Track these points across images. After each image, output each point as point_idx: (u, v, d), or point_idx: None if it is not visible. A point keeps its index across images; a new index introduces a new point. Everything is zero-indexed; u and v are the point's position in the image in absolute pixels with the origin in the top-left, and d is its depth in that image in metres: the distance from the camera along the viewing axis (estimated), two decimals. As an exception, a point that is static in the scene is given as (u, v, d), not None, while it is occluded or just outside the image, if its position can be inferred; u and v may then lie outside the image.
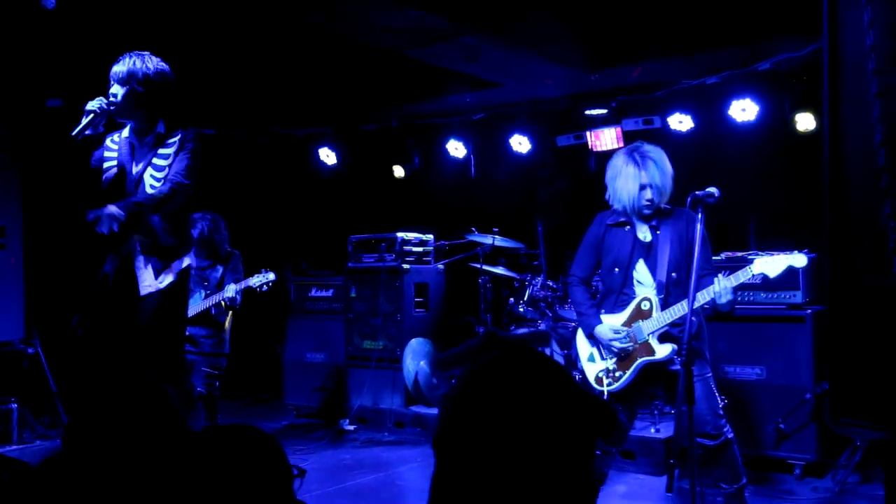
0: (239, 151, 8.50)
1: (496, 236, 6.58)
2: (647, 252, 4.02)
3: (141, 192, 3.91)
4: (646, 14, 5.95)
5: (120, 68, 3.90)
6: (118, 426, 1.86)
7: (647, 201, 3.94)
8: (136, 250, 3.93)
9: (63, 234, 6.93)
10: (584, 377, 4.13)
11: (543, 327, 6.32)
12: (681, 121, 6.64)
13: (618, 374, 4.01)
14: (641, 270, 4.02)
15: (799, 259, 3.82)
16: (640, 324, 3.95)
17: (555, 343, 6.18)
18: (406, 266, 7.11)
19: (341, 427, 6.87)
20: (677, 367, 3.69)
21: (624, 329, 3.98)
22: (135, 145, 4.02)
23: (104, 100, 3.88)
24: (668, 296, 3.94)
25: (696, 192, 3.69)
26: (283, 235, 8.95)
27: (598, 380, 4.06)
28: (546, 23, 6.01)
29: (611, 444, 4.01)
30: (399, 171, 8.56)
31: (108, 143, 4.05)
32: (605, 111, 7.07)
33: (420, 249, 7.37)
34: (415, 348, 6.90)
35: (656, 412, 5.65)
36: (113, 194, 3.95)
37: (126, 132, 4.07)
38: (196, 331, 5.76)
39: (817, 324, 5.11)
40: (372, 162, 8.72)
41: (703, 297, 3.77)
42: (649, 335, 3.93)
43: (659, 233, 4.01)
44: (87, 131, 3.83)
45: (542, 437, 1.21)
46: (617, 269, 4.06)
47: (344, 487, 5.31)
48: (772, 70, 6.05)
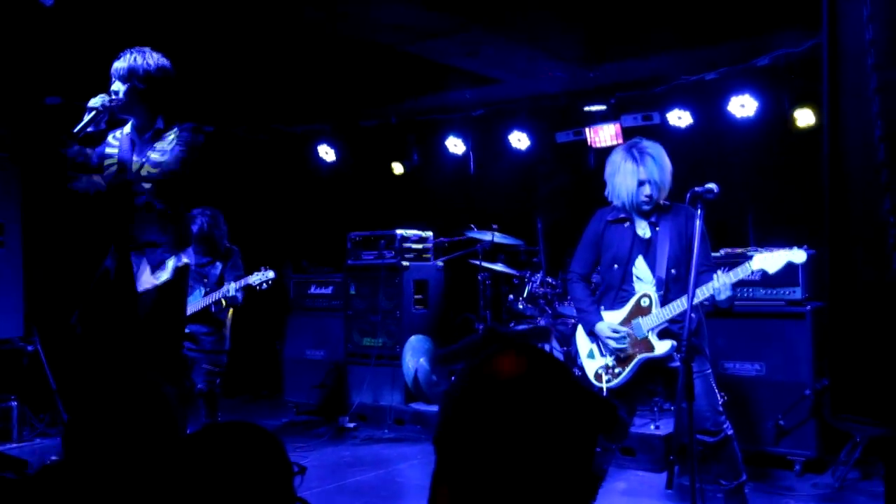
0: (238, 148, 8.49)
1: (495, 233, 6.58)
2: (647, 248, 4.02)
3: (142, 187, 3.91)
4: (645, 10, 5.95)
5: (121, 65, 3.89)
6: (116, 425, 1.86)
7: (646, 197, 3.94)
8: (134, 247, 3.93)
9: (62, 233, 6.93)
10: (583, 373, 4.14)
11: (543, 324, 6.32)
12: (680, 117, 6.63)
13: (617, 371, 4.01)
14: (641, 267, 4.02)
15: (798, 255, 3.82)
16: (640, 320, 3.95)
17: (555, 339, 6.18)
18: (405, 263, 7.10)
19: (341, 424, 6.87)
20: (677, 364, 3.69)
21: (623, 328, 3.98)
22: (136, 141, 4.01)
23: (106, 97, 3.87)
24: (668, 292, 3.93)
25: (696, 188, 3.68)
26: (282, 232, 8.95)
27: (598, 376, 4.06)
28: (545, 18, 6.00)
29: (611, 441, 4.01)
30: (398, 167, 8.56)
31: (110, 140, 4.05)
32: (604, 107, 7.06)
33: (419, 246, 7.37)
34: (414, 345, 6.90)
35: (656, 409, 5.65)
36: (114, 190, 3.95)
37: (127, 128, 4.07)
38: (196, 328, 5.76)
39: (817, 320, 5.10)
40: (371, 159, 8.72)
41: (702, 293, 3.77)
42: (649, 332, 3.93)
43: (658, 229, 4.01)
44: (90, 128, 3.83)
45: (542, 434, 1.21)
46: (616, 266, 4.05)
47: (344, 485, 5.31)
48: (771, 65, 6.04)
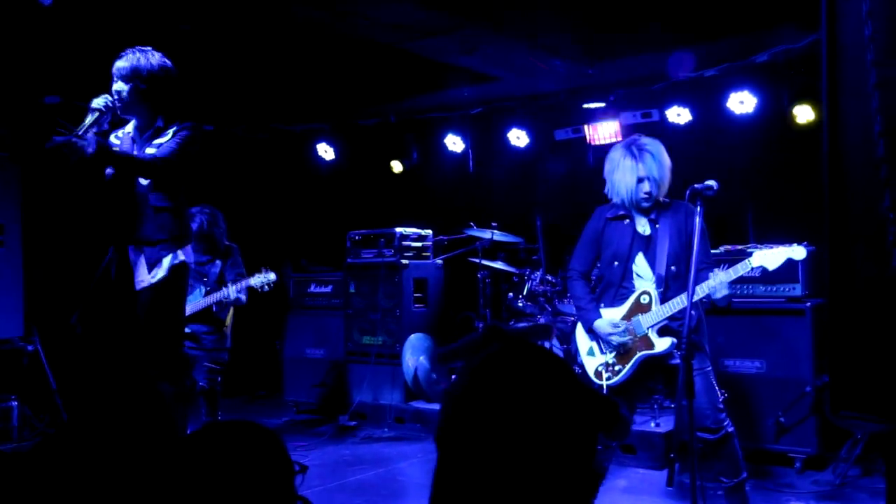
0: (238, 147, 8.49)
1: (495, 231, 6.57)
2: (647, 245, 4.01)
3: (139, 183, 3.91)
4: (644, 7, 5.94)
5: (124, 64, 3.88)
6: (112, 423, 1.85)
7: (645, 194, 3.93)
8: (132, 244, 3.92)
9: (62, 232, 6.92)
10: (583, 371, 4.13)
11: (543, 322, 6.31)
12: (679, 114, 6.62)
13: (617, 369, 4.00)
14: (641, 264, 4.01)
15: (798, 251, 3.81)
16: (640, 317, 3.94)
17: (555, 337, 6.17)
18: (405, 261, 7.10)
19: (341, 423, 6.87)
20: (677, 361, 3.69)
21: (623, 323, 3.97)
22: (136, 140, 4.01)
23: (109, 97, 3.87)
24: (668, 289, 3.93)
25: (695, 185, 3.68)
26: (281, 231, 8.94)
27: (598, 374, 4.06)
28: (544, 16, 5.99)
29: (613, 439, 4.01)
30: (397, 166, 8.55)
31: (112, 140, 4.04)
32: (603, 104, 7.05)
33: (419, 245, 7.37)
34: (414, 344, 6.89)
35: (656, 406, 5.64)
36: (116, 190, 3.95)
37: (128, 128, 4.07)
38: (197, 328, 5.77)
39: (817, 316, 5.10)
40: (370, 157, 8.71)
41: (700, 291, 3.76)
42: (648, 329, 3.93)
43: (658, 226, 4.00)
44: (94, 129, 3.83)
45: (544, 432, 1.21)
46: (616, 263, 4.05)
47: (344, 483, 5.31)
48: (770, 62, 6.03)
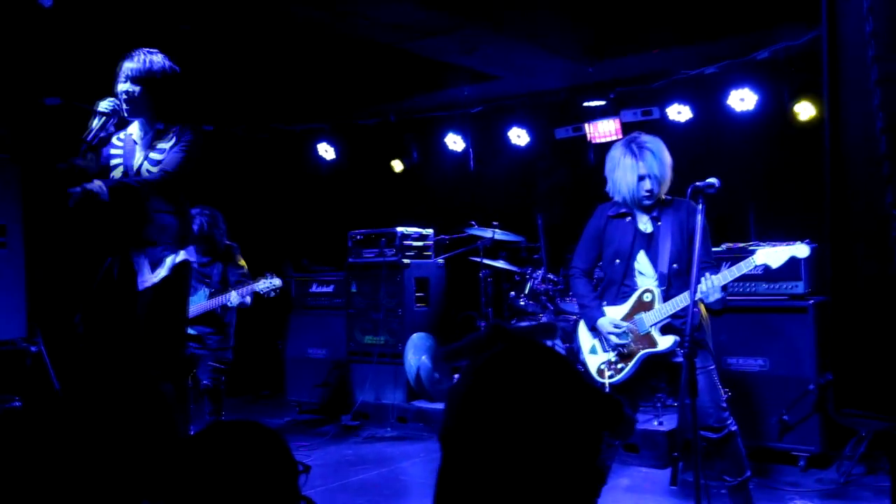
0: (238, 148, 8.49)
1: (496, 230, 6.57)
2: (649, 243, 4.01)
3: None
4: (644, 4, 5.93)
5: (134, 65, 3.88)
6: (114, 422, 1.86)
7: (647, 192, 3.93)
8: (134, 245, 3.92)
9: (64, 233, 6.93)
10: (586, 370, 4.13)
11: (545, 320, 6.30)
12: (679, 111, 6.61)
13: (620, 367, 4.00)
14: (643, 262, 4.01)
15: (802, 250, 3.80)
16: (642, 315, 3.94)
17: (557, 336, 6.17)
18: (406, 261, 7.11)
19: (344, 423, 6.87)
20: (680, 360, 3.68)
21: (625, 323, 3.97)
22: (138, 142, 4.01)
23: (115, 100, 3.87)
24: (670, 287, 3.92)
25: (697, 183, 3.68)
26: (282, 232, 8.94)
27: (600, 372, 4.05)
28: (544, 15, 5.99)
29: (617, 438, 4.00)
30: (398, 165, 8.55)
31: (115, 142, 4.04)
32: (603, 103, 7.04)
33: (420, 244, 7.37)
34: (416, 343, 6.90)
35: (659, 405, 5.64)
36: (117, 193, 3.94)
37: (130, 129, 4.07)
38: (201, 329, 5.77)
39: (820, 314, 5.09)
40: (371, 157, 8.71)
41: (701, 289, 3.76)
42: (651, 327, 3.92)
43: (660, 224, 4.00)
44: (102, 133, 3.84)
45: (549, 431, 1.21)
46: (618, 261, 4.04)
47: (347, 483, 5.31)
48: (770, 59, 6.02)
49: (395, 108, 8.20)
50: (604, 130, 6.96)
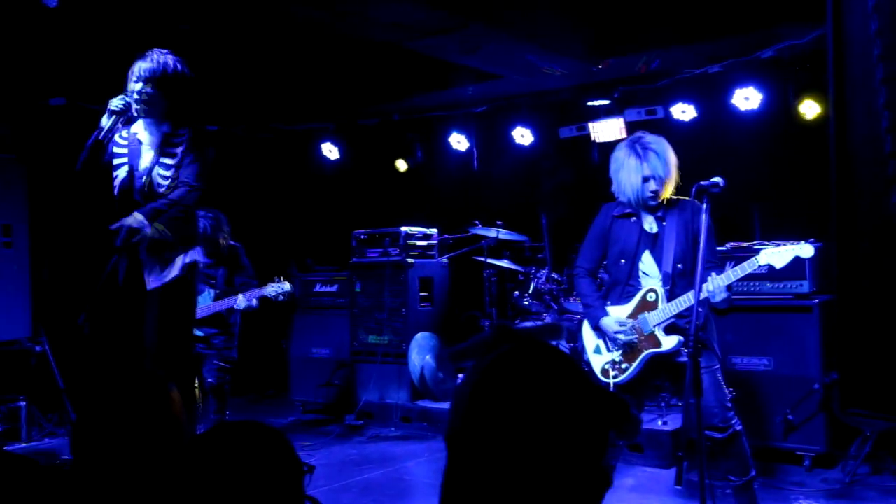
0: (241, 148, 8.50)
1: (500, 229, 6.56)
2: (653, 243, 4.00)
3: (153, 191, 3.91)
4: (647, 3, 5.92)
5: (149, 65, 3.88)
6: (122, 424, 1.86)
7: (652, 193, 3.92)
8: (143, 246, 3.92)
9: (69, 233, 6.94)
10: (590, 369, 4.12)
11: (549, 320, 6.30)
12: (684, 110, 6.60)
13: (624, 366, 3.99)
14: (647, 261, 4.00)
15: (806, 249, 3.79)
16: (646, 315, 3.93)
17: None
18: (410, 260, 7.11)
19: (348, 422, 6.87)
20: (684, 359, 3.67)
21: (629, 321, 3.96)
22: (144, 143, 4.00)
23: (126, 98, 3.87)
24: (674, 287, 3.91)
25: (701, 182, 3.67)
26: (286, 231, 8.95)
27: (605, 371, 4.05)
28: (546, 14, 5.98)
29: (624, 438, 4.00)
30: (402, 165, 8.55)
31: (118, 139, 4.02)
32: (607, 102, 7.03)
33: (424, 243, 7.37)
34: (420, 343, 6.89)
35: (664, 404, 5.63)
36: (124, 194, 3.95)
37: (134, 128, 4.05)
38: (207, 330, 5.78)
39: (825, 313, 5.07)
40: (374, 156, 8.71)
41: (707, 288, 3.75)
42: (655, 327, 3.91)
43: (665, 224, 3.99)
44: (112, 133, 3.85)
45: (555, 432, 1.20)
46: (623, 261, 4.04)
47: (352, 483, 5.31)
48: (775, 57, 6.01)
49: (398, 107, 8.20)
50: (608, 130, 6.95)
